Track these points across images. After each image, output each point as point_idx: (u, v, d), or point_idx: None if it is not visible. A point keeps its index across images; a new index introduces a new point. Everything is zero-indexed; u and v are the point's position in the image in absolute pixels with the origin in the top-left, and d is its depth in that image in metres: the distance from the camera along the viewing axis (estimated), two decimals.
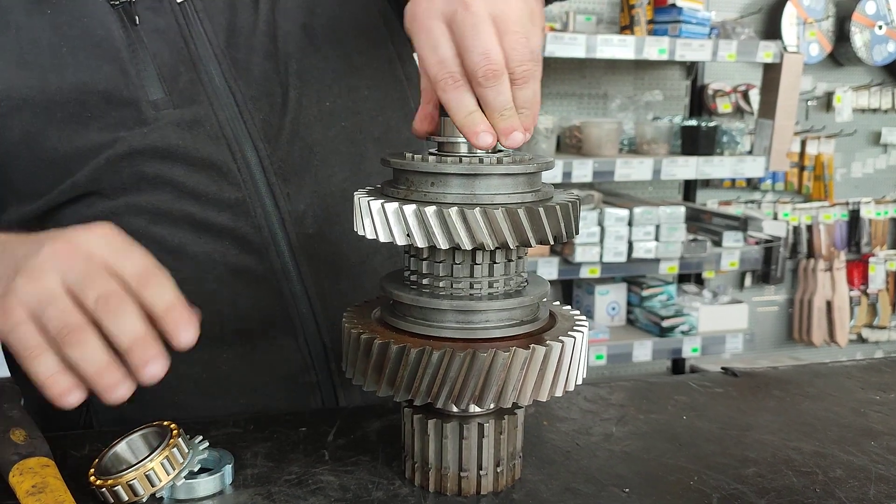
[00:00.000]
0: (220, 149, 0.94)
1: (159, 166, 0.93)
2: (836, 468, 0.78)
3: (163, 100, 0.93)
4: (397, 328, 0.70)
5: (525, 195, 0.68)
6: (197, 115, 0.94)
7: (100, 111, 0.91)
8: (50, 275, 0.61)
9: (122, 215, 0.93)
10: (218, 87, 0.95)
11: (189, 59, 0.95)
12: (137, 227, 0.93)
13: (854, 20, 3.86)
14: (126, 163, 0.92)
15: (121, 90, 0.91)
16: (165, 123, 0.92)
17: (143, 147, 0.92)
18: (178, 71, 0.94)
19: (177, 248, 0.94)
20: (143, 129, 0.92)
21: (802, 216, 4.16)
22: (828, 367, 1.09)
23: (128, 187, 0.92)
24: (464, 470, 0.71)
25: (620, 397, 0.95)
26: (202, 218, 0.94)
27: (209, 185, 0.94)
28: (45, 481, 0.66)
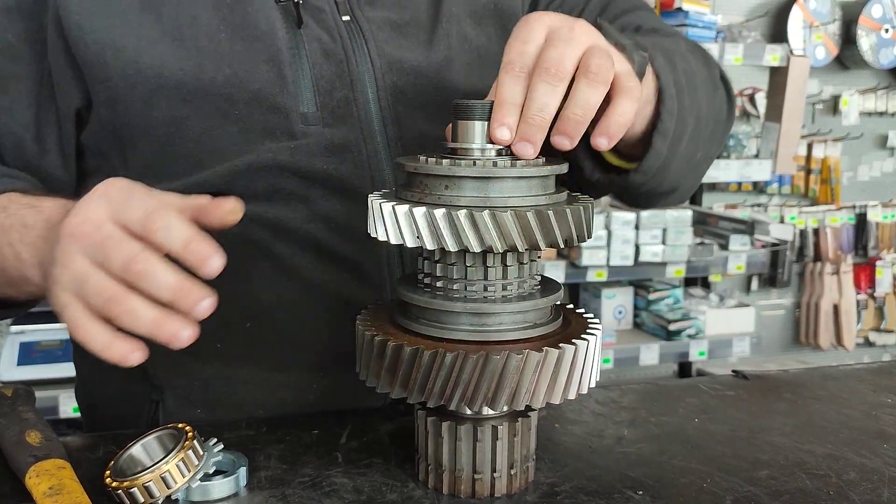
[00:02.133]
0: (363, 180, 0.91)
1: (298, 184, 0.89)
2: (850, 471, 0.78)
3: (313, 114, 0.90)
4: (411, 330, 0.71)
5: (538, 198, 0.68)
6: (346, 139, 0.91)
7: (248, 111, 0.88)
8: (75, 257, 0.63)
9: (247, 223, 0.88)
10: (371, 111, 0.93)
11: (347, 74, 0.92)
12: (259, 238, 0.90)
13: (860, 23, 3.86)
14: (265, 173, 0.88)
15: (274, 95, 0.88)
16: (313, 142, 0.89)
17: (287, 163, 0.89)
18: (333, 85, 0.91)
19: (294, 269, 0.91)
20: (289, 143, 0.88)
21: (809, 219, 4.15)
22: (838, 370, 1.09)
23: (259, 197, 0.89)
24: (477, 472, 0.71)
25: (631, 400, 0.95)
26: (328, 244, 0.91)
27: (342, 214, 0.91)
28: (62, 483, 0.67)
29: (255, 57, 0.88)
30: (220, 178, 0.88)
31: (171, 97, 0.87)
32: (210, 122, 0.87)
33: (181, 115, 0.87)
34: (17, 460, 0.71)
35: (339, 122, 0.91)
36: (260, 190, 0.89)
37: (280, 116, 0.89)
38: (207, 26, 0.87)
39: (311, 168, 0.89)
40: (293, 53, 0.89)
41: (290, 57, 0.89)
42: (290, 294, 0.92)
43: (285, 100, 0.89)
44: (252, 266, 0.91)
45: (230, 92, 0.87)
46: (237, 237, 0.89)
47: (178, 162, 0.89)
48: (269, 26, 0.89)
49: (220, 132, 0.88)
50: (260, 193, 0.89)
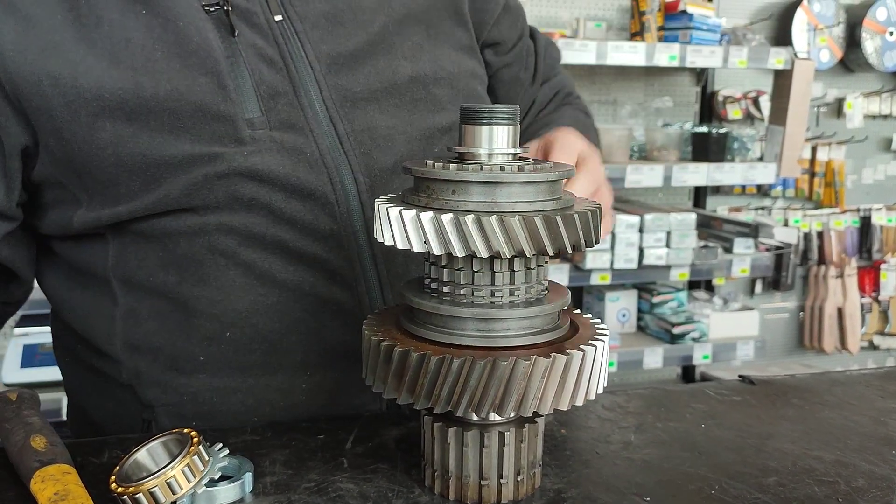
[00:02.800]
0: (321, 178, 0.91)
1: (257, 189, 0.89)
2: (858, 477, 0.77)
3: (259, 119, 0.89)
4: (417, 335, 0.70)
5: (546, 203, 0.68)
6: (297, 141, 0.91)
7: (193, 123, 0.87)
8: None
9: (212, 233, 0.89)
10: (318, 113, 0.92)
11: (289, 81, 0.91)
12: (227, 247, 0.90)
13: (865, 26, 3.86)
14: (223, 181, 0.88)
15: (217, 104, 0.87)
16: (265, 146, 0.89)
17: (243, 168, 0.88)
18: (276, 91, 0.91)
19: (265, 274, 0.91)
20: (241, 149, 0.88)
21: (813, 223, 4.14)
22: (846, 375, 1.08)
23: (221, 206, 0.89)
24: (484, 478, 0.71)
25: (638, 405, 0.95)
26: (296, 246, 0.91)
27: (306, 214, 0.91)
28: (67, 488, 0.66)
29: (192, 70, 0.87)
30: (179, 191, 0.88)
31: (114, 117, 0.86)
32: (157, 137, 0.87)
33: (127, 134, 0.86)
34: (22, 465, 0.71)
35: (285, 126, 0.91)
36: (221, 199, 0.89)
37: (227, 125, 0.88)
38: (142, 47, 0.87)
39: (267, 171, 0.89)
40: (231, 62, 0.89)
41: (229, 66, 0.89)
42: (266, 299, 0.92)
43: (229, 108, 0.88)
44: (223, 275, 0.91)
45: (173, 106, 0.86)
46: (204, 248, 0.90)
47: (132, 180, 0.88)
48: (203, 38, 0.88)
49: (168, 146, 0.87)
50: (221, 203, 0.89)
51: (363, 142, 0.94)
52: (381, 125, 0.96)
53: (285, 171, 0.90)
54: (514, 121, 0.70)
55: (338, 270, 0.93)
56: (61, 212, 0.93)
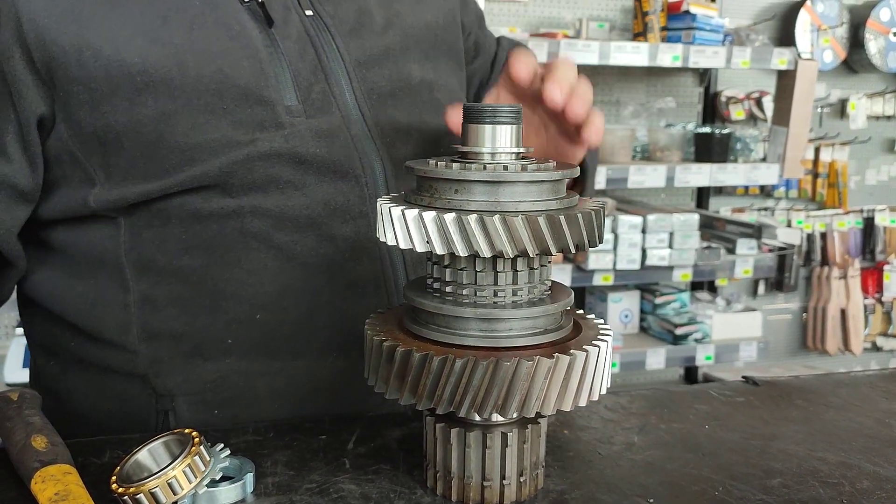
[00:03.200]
0: (353, 161, 0.94)
1: (293, 171, 0.91)
2: (863, 479, 0.77)
3: (296, 107, 0.92)
4: (420, 336, 0.70)
5: (549, 203, 0.67)
6: (330, 126, 0.94)
7: (236, 105, 0.89)
8: None
9: (245, 216, 0.91)
10: (348, 102, 0.96)
11: (321, 70, 0.95)
12: (258, 230, 0.91)
13: (868, 27, 3.85)
14: (262, 163, 0.90)
15: (260, 89, 0.90)
16: (303, 130, 0.92)
17: (283, 150, 0.90)
18: (310, 81, 0.94)
19: (297, 256, 0.93)
20: (281, 132, 0.90)
21: (816, 224, 4.14)
22: (850, 376, 1.08)
23: (256, 188, 0.90)
24: (487, 479, 0.70)
25: (641, 406, 0.94)
26: (328, 228, 0.93)
27: (338, 196, 0.94)
28: (68, 489, 0.66)
29: (235, 54, 0.89)
30: (217, 171, 0.88)
31: (158, 93, 0.86)
32: (200, 116, 0.87)
33: (170, 111, 0.86)
34: (22, 465, 0.71)
35: (320, 113, 0.94)
36: (257, 181, 0.90)
37: (268, 110, 0.91)
38: (179, 26, 0.87)
39: (305, 153, 0.92)
40: (270, 52, 0.92)
41: (268, 55, 0.92)
42: (295, 281, 0.94)
43: (270, 94, 0.91)
44: (254, 258, 0.92)
45: (218, 87, 0.88)
46: (235, 231, 0.91)
47: (168, 158, 0.88)
48: (242, 26, 0.91)
49: (210, 126, 0.88)
50: (257, 184, 0.90)
51: (387, 133, 0.98)
52: (401, 120, 1.00)
53: (321, 153, 0.93)
54: (517, 120, 0.70)
55: (365, 251, 0.95)
56: (70, 192, 0.91)
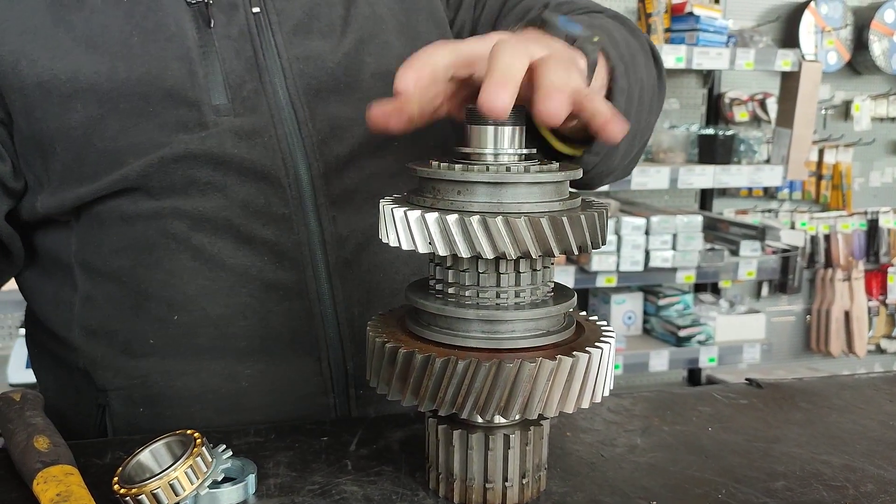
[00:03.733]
0: (275, 162, 0.93)
1: (212, 173, 0.92)
2: (867, 482, 0.76)
3: (224, 106, 0.92)
4: (422, 337, 0.70)
5: (552, 204, 0.67)
6: (256, 125, 0.93)
7: (162, 108, 0.90)
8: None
9: (166, 217, 0.92)
10: (281, 100, 0.95)
11: (256, 68, 0.94)
12: (178, 230, 0.92)
13: (872, 28, 3.84)
14: (179, 164, 0.91)
15: (186, 90, 0.90)
16: (224, 130, 0.92)
17: (199, 151, 0.91)
18: (243, 79, 0.94)
19: (214, 257, 0.93)
20: (201, 134, 0.91)
21: (820, 225, 4.13)
22: (854, 378, 1.07)
23: (176, 189, 0.91)
24: (489, 481, 0.70)
25: (643, 408, 0.94)
26: (246, 230, 0.93)
27: (258, 198, 0.93)
28: (70, 490, 0.66)
29: (166, 56, 0.91)
30: (136, 173, 0.90)
31: (86, 100, 0.89)
32: (126, 120, 0.90)
33: (97, 116, 0.90)
34: (24, 466, 0.71)
35: (249, 112, 0.94)
36: (176, 182, 0.91)
37: (193, 110, 0.91)
38: (120, 32, 0.90)
39: (223, 154, 0.91)
40: (203, 51, 0.92)
41: (201, 55, 0.92)
42: (214, 283, 0.94)
43: (197, 94, 0.91)
44: (174, 259, 0.93)
45: (144, 90, 0.90)
46: (157, 232, 0.93)
47: (97, 162, 0.91)
48: (179, 27, 0.92)
49: (136, 129, 0.90)
50: (176, 186, 0.91)
51: (321, 130, 0.96)
52: (342, 116, 0.98)
53: (241, 153, 0.92)
54: (520, 121, 0.69)
55: (286, 254, 0.95)
56: (29, 196, 0.97)
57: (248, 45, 0.95)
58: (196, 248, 0.93)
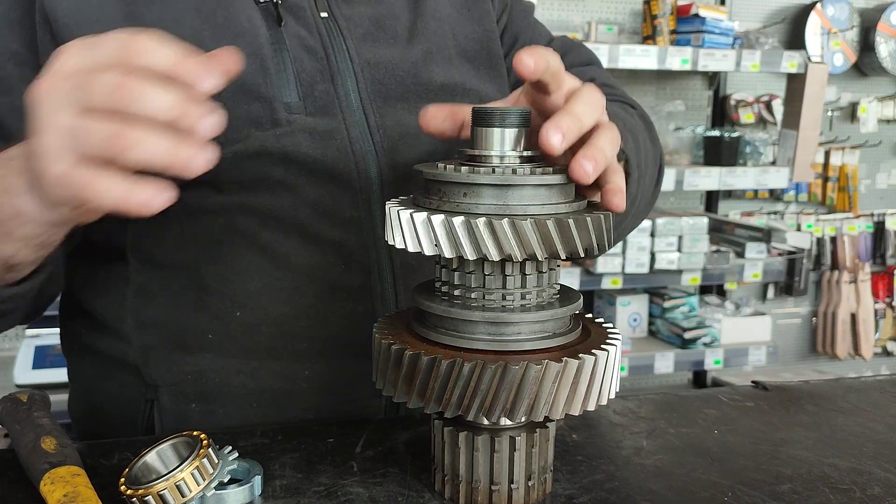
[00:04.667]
0: (347, 164, 0.93)
1: (284, 171, 0.92)
2: (874, 486, 0.76)
3: (296, 104, 0.92)
4: (428, 339, 0.70)
5: (558, 206, 0.67)
6: (329, 126, 0.93)
7: (233, 103, 0.89)
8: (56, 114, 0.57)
9: (233, 213, 0.92)
10: (353, 103, 0.96)
11: (328, 71, 0.95)
12: (245, 227, 0.92)
13: (879, 30, 3.83)
14: (252, 161, 0.91)
15: (258, 85, 0.91)
16: (298, 128, 0.92)
17: (274, 148, 0.91)
18: (314, 80, 0.94)
19: (281, 256, 0.93)
20: (275, 131, 0.91)
21: (826, 227, 4.11)
22: (860, 381, 1.07)
23: (246, 186, 0.91)
24: (495, 483, 0.70)
25: (649, 410, 0.94)
26: (314, 230, 0.93)
27: (328, 199, 0.93)
28: (77, 490, 0.66)
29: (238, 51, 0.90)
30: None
31: None
32: None
33: None
34: (31, 467, 0.71)
35: (321, 112, 0.94)
36: (246, 179, 0.91)
37: (264, 106, 0.91)
38: (190, 27, 0.90)
39: (296, 153, 0.92)
40: (275, 49, 0.93)
41: (273, 52, 0.92)
42: (278, 282, 0.94)
43: (269, 90, 0.91)
44: (239, 255, 0.93)
45: None
46: (223, 227, 0.92)
47: None
48: (251, 24, 0.92)
49: None
50: (246, 182, 0.91)
51: (391, 136, 0.97)
52: (410, 123, 0.98)
53: (314, 154, 0.92)
54: (526, 123, 0.69)
55: (353, 257, 0.94)
56: None
57: (318, 46, 0.95)
58: (263, 245, 0.92)
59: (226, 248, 0.93)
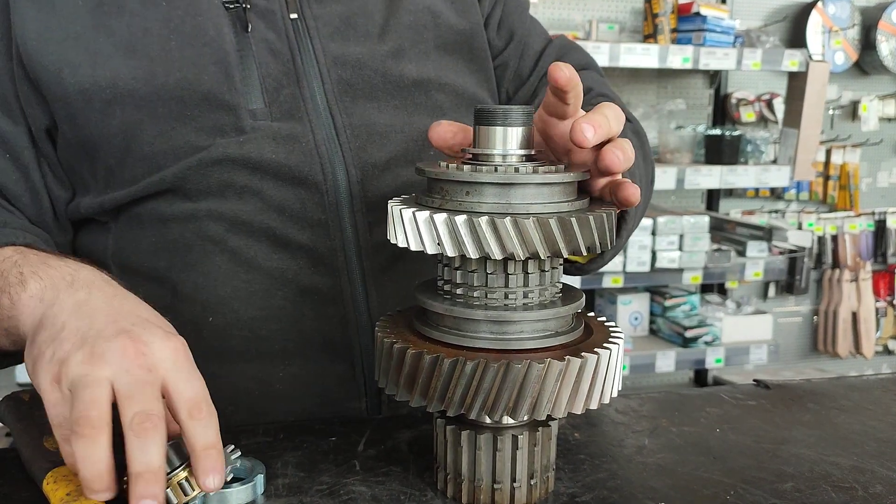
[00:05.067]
0: (313, 167, 0.94)
1: (249, 177, 0.92)
2: (876, 484, 0.76)
3: (262, 110, 0.93)
4: (430, 338, 0.70)
5: (560, 205, 0.67)
6: (294, 130, 0.94)
7: (199, 111, 0.91)
8: (105, 368, 0.62)
9: (202, 219, 0.93)
10: (318, 104, 0.95)
11: (294, 73, 0.95)
12: (214, 233, 0.93)
13: (880, 28, 3.83)
14: (216, 168, 0.91)
15: (223, 93, 0.91)
16: (262, 135, 0.92)
17: (237, 155, 0.91)
18: (280, 84, 0.94)
19: (250, 261, 0.93)
20: (238, 138, 0.92)
21: (827, 226, 4.11)
22: (862, 380, 1.07)
23: (213, 192, 0.92)
24: (497, 482, 0.70)
25: (652, 409, 0.94)
26: (282, 234, 0.93)
27: (295, 202, 0.93)
28: (79, 489, 0.66)
29: (203, 60, 0.92)
30: (174, 176, 0.92)
31: (125, 105, 0.90)
32: (164, 124, 0.91)
33: (136, 121, 0.91)
34: (34, 465, 0.71)
35: (286, 116, 0.94)
36: (213, 185, 0.92)
37: (230, 114, 0.92)
38: (158, 37, 0.91)
39: (260, 159, 0.92)
40: (241, 55, 0.93)
41: (238, 59, 0.93)
42: (248, 286, 0.94)
43: (234, 98, 0.92)
44: (209, 261, 0.93)
45: (181, 94, 0.91)
46: (193, 234, 0.93)
47: (137, 166, 0.92)
48: (217, 31, 0.93)
49: (174, 133, 0.91)
50: (213, 189, 0.92)
51: (359, 136, 0.96)
52: (379, 122, 0.98)
53: (279, 158, 0.93)
54: (528, 122, 0.69)
55: (322, 259, 0.95)
56: (74, 199, 0.98)
57: (285, 49, 0.95)
58: (232, 250, 0.93)
59: (197, 254, 0.93)
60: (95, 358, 0.62)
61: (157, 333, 0.66)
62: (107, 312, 0.68)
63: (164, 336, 0.66)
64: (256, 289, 0.94)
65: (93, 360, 0.62)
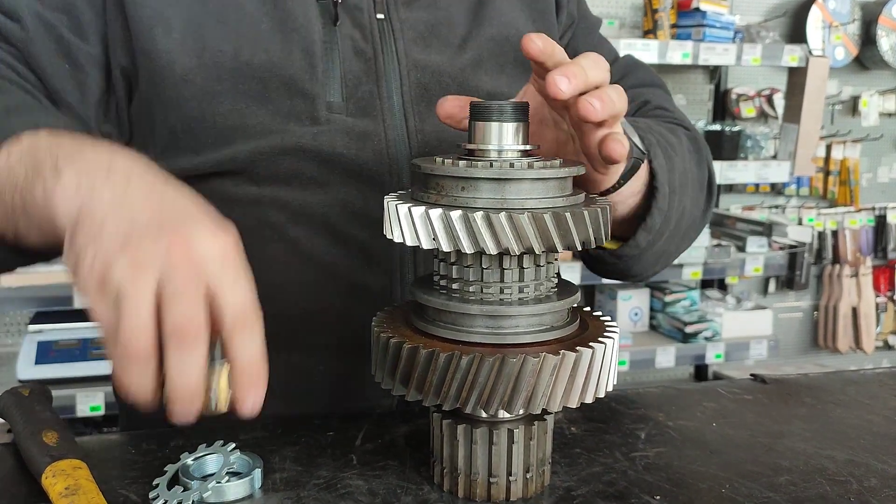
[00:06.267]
0: (381, 166, 0.94)
1: (318, 169, 0.93)
2: (871, 477, 0.76)
3: (338, 104, 0.94)
4: (426, 332, 0.70)
5: (555, 200, 0.67)
6: (368, 128, 0.94)
7: (277, 95, 0.92)
8: (150, 272, 0.56)
9: (265, 205, 0.93)
10: (395, 106, 0.96)
11: (374, 72, 0.96)
12: (276, 221, 0.93)
13: (880, 23, 3.82)
14: (288, 156, 0.92)
15: (304, 81, 0.92)
16: (336, 128, 0.93)
17: (310, 146, 0.92)
18: (360, 80, 0.95)
19: (308, 253, 0.94)
20: (313, 129, 0.92)
21: (827, 221, 4.11)
22: (859, 374, 1.07)
23: (280, 180, 0.93)
24: (493, 476, 0.71)
25: (648, 403, 0.94)
26: (342, 229, 0.94)
27: (359, 199, 0.94)
28: (78, 483, 0.67)
29: (291, 46, 0.92)
30: (245, 156, 0.92)
31: (207, 74, 0.91)
32: (242, 101, 0.91)
33: (214, 91, 0.91)
34: (33, 460, 0.71)
35: (361, 113, 0.95)
36: (281, 172, 0.93)
37: (307, 103, 0.92)
38: (251, 15, 0.92)
39: (332, 152, 0.93)
40: (326, 47, 0.94)
41: (323, 50, 0.94)
42: (302, 276, 0.94)
43: (314, 87, 0.93)
44: (267, 248, 0.94)
45: (264, 75, 0.91)
46: (255, 219, 0.93)
47: (205, 136, 0.92)
48: (307, 20, 0.93)
49: (249, 112, 0.92)
50: (281, 176, 0.93)
51: (428, 141, 0.98)
52: (449, 130, 0.97)
53: (350, 154, 0.93)
54: (523, 117, 0.70)
55: (376, 258, 0.95)
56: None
57: (369, 47, 0.96)
58: (291, 240, 0.93)
59: (255, 240, 0.92)
60: (139, 263, 0.57)
61: (204, 229, 0.61)
62: (149, 205, 0.62)
63: (212, 232, 0.61)
64: (309, 280, 0.94)
65: (136, 265, 0.57)
